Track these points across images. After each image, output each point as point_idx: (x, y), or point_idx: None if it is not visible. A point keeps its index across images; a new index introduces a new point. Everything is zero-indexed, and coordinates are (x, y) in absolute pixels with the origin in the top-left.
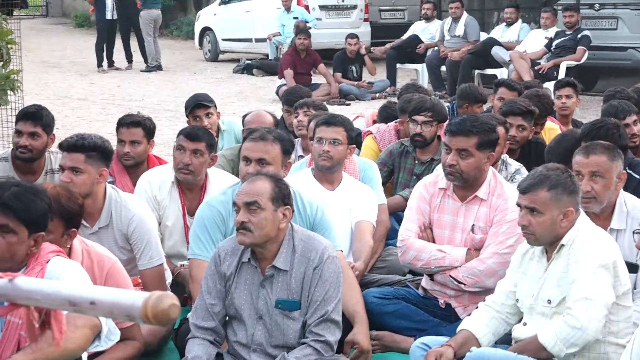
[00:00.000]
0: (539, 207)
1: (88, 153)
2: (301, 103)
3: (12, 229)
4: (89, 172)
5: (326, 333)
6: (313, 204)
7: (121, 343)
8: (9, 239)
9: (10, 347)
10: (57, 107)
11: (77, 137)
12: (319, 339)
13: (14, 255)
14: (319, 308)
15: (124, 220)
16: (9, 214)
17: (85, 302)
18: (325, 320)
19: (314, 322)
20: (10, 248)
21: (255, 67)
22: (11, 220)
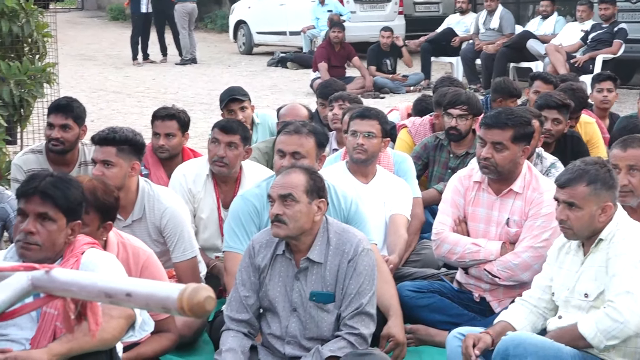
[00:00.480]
0: (577, 202)
1: (119, 146)
2: (336, 96)
3: (52, 217)
4: (120, 166)
5: (360, 326)
6: (347, 197)
7: (156, 335)
8: (49, 227)
9: (47, 338)
10: (92, 99)
11: (108, 131)
12: (353, 331)
13: (54, 243)
14: (353, 301)
15: (157, 213)
16: (48, 201)
17: (121, 293)
18: (359, 313)
19: (348, 315)
20: (51, 236)
21: (289, 60)
22: (50, 208)
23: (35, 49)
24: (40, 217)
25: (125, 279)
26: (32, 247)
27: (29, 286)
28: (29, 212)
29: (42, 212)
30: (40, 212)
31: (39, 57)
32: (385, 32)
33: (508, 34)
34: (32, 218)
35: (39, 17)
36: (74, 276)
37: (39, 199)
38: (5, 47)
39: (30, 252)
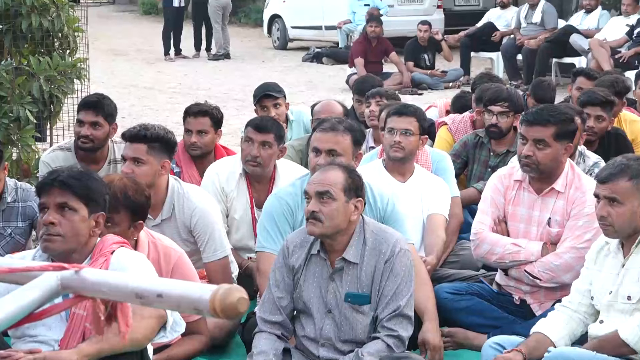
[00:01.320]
0: (619, 197)
1: (150, 144)
2: (373, 92)
3: (72, 207)
4: (150, 164)
5: (399, 328)
6: (384, 196)
7: (187, 337)
8: (70, 216)
9: (76, 339)
10: (123, 96)
11: (139, 127)
12: (391, 333)
13: (77, 234)
14: (391, 302)
15: (187, 212)
16: (67, 191)
17: (152, 294)
18: (397, 315)
19: (385, 317)
20: (73, 226)
21: (325, 56)
22: (70, 197)
23: (65, 44)
24: (60, 208)
25: (157, 280)
26: (55, 239)
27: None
28: (49, 204)
29: (61, 202)
30: (60, 202)
31: (69, 52)
32: (424, 26)
33: (550, 28)
34: (53, 209)
35: (69, 12)
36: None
37: (57, 189)
38: (35, 42)
39: (54, 244)
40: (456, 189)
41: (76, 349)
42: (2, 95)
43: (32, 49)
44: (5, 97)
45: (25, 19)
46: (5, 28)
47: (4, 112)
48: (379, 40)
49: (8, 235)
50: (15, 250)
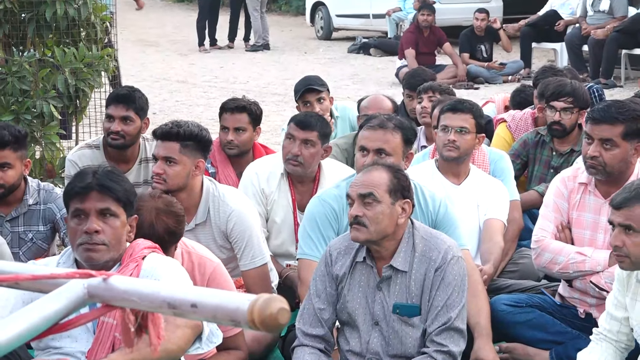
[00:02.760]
0: (635, 225)
1: (183, 142)
2: (425, 87)
3: (114, 212)
4: (183, 163)
5: (449, 343)
6: (436, 199)
7: (224, 352)
8: (113, 223)
9: (105, 350)
10: (154, 89)
11: (171, 124)
12: (441, 349)
13: (119, 241)
14: (441, 314)
15: (222, 216)
16: (107, 196)
17: (186, 304)
18: (448, 329)
19: (435, 330)
20: (116, 233)
21: (372, 47)
22: (111, 203)
23: (92, 33)
24: (101, 214)
25: (191, 288)
26: (100, 248)
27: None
28: (89, 210)
29: (103, 208)
30: (102, 208)
31: (96, 42)
32: (480, 14)
33: (620, 17)
34: (94, 216)
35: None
36: (134, 284)
37: (97, 194)
38: (60, 31)
39: (98, 254)
40: (515, 191)
41: (106, 359)
42: (24, 89)
43: (56, 40)
44: (28, 91)
45: (50, 7)
46: (28, 17)
47: (26, 107)
48: (432, 29)
49: (29, 240)
50: (37, 256)
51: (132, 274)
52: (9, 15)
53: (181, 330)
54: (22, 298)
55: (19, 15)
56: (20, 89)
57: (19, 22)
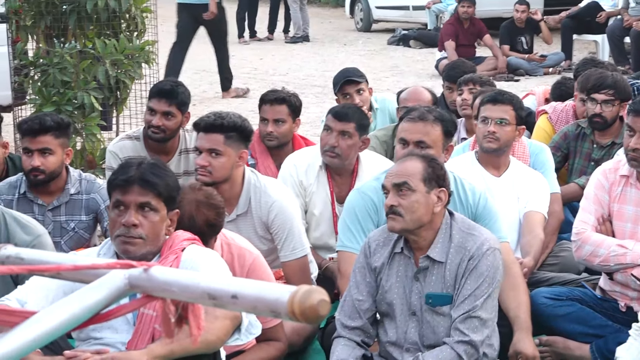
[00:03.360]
0: None
1: (227, 133)
2: (466, 79)
3: (154, 207)
4: (228, 155)
5: (471, 332)
6: (476, 191)
7: (263, 344)
8: (152, 217)
9: (145, 341)
10: (194, 81)
11: (215, 116)
12: (463, 339)
13: (157, 235)
14: (466, 302)
15: (264, 207)
16: (148, 190)
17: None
18: (471, 317)
19: (459, 317)
20: (154, 227)
21: (412, 38)
22: (152, 197)
23: (133, 25)
24: (141, 208)
25: (231, 280)
26: (137, 241)
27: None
28: (129, 203)
29: (143, 202)
30: (142, 202)
31: (137, 34)
32: (521, 5)
33: None
34: (133, 209)
35: None
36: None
37: (138, 187)
38: (100, 23)
39: (135, 247)
40: (556, 184)
41: (146, 350)
42: (66, 81)
43: (97, 31)
44: (69, 83)
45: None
46: (70, 8)
47: (67, 98)
48: (472, 21)
49: (71, 230)
50: (79, 245)
51: (171, 266)
52: (50, 7)
53: (220, 322)
54: (63, 289)
55: (60, 7)
56: (62, 80)
57: (60, 13)
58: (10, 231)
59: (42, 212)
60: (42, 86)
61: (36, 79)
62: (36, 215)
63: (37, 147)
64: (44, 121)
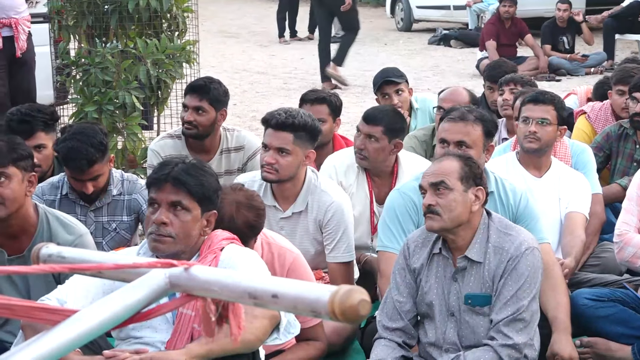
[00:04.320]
0: None
1: (297, 133)
2: (507, 79)
3: (186, 206)
4: (296, 154)
5: (515, 334)
6: (517, 192)
7: (303, 343)
8: (183, 217)
9: (183, 341)
10: (234, 80)
11: (286, 114)
12: (506, 342)
13: (188, 235)
14: (509, 304)
15: (322, 206)
16: (181, 189)
17: (266, 294)
18: (515, 320)
19: (503, 320)
20: (185, 227)
21: (453, 38)
22: (184, 197)
23: (174, 25)
24: (173, 207)
25: (271, 279)
26: (166, 240)
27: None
28: (161, 201)
29: (175, 201)
30: (173, 201)
31: (178, 34)
32: (563, 5)
33: None
34: (165, 207)
35: None
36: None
37: (171, 186)
38: (142, 23)
39: (164, 245)
40: (598, 184)
41: (185, 349)
42: (107, 80)
43: (139, 31)
44: (111, 82)
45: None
46: (111, 8)
47: (109, 98)
48: (513, 21)
49: (113, 230)
50: (120, 245)
51: (210, 265)
52: (92, 7)
53: (259, 321)
54: (103, 288)
55: (102, 7)
56: (103, 80)
57: (102, 13)
58: (53, 231)
59: (84, 212)
60: (83, 86)
61: (78, 79)
62: (78, 216)
63: (88, 178)
64: (90, 156)
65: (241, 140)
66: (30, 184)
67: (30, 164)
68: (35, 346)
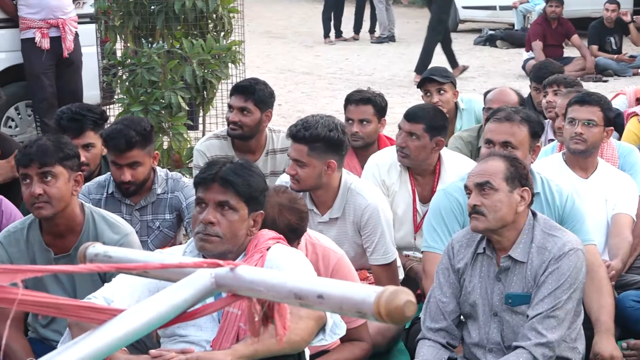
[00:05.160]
0: None
1: (311, 144)
2: (550, 81)
3: (233, 206)
4: (313, 165)
5: (548, 331)
6: (563, 193)
7: (348, 344)
8: (230, 216)
9: (229, 340)
10: (279, 81)
11: (300, 126)
12: (540, 340)
13: (235, 235)
14: (546, 301)
15: (358, 208)
16: (228, 189)
17: (312, 295)
18: (549, 317)
19: (537, 317)
20: (232, 227)
21: (499, 38)
22: (231, 197)
23: (220, 25)
24: (220, 206)
25: (317, 279)
26: (213, 239)
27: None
28: (208, 200)
29: (222, 201)
30: (221, 201)
31: (224, 34)
32: (611, 5)
33: None
34: (212, 207)
35: None
36: (261, 274)
37: (218, 186)
38: (188, 23)
39: (211, 245)
40: None
41: (230, 350)
42: (153, 81)
43: (184, 31)
44: (157, 82)
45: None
46: (158, 9)
47: (155, 98)
48: (560, 21)
49: (157, 229)
50: (164, 244)
51: (256, 265)
52: (138, 7)
53: (304, 322)
54: (149, 287)
55: (149, 7)
56: (149, 80)
57: (149, 14)
58: (99, 230)
59: (129, 211)
60: (130, 86)
61: (124, 79)
62: (124, 215)
63: (126, 162)
64: (130, 137)
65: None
66: (76, 184)
67: (76, 163)
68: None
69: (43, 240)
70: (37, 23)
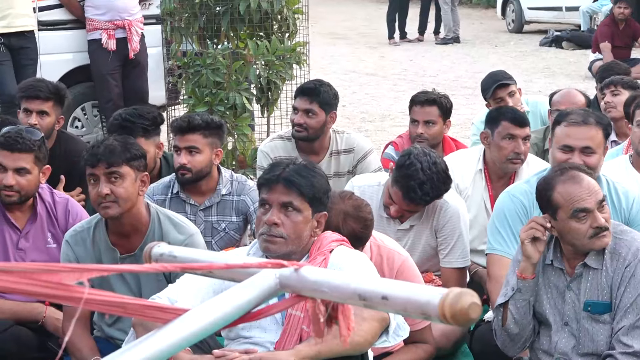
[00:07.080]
0: None
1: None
2: (607, 82)
3: (297, 207)
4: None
5: (634, 342)
6: (629, 195)
7: (412, 346)
8: (294, 217)
9: (292, 342)
10: (344, 82)
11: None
12: (627, 350)
13: (299, 236)
14: (629, 312)
15: (438, 211)
16: (292, 190)
17: (376, 296)
18: (635, 327)
19: (622, 329)
20: (296, 228)
21: (565, 40)
22: (295, 198)
23: (285, 26)
24: (284, 207)
25: (381, 281)
26: (277, 240)
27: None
28: (272, 202)
29: (286, 202)
30: (285, 202)
31: (288, 35)
32: None
33: None
34: (276, 208)
35: None
36: (325, 275)
37: (282, 187)
38: (253, 24)
39: (275, 246)
40: None
41: (293, 350)
42: (218, 81)
43: (249, 33)
44: (222, 83)
45: (244, 0)
46: (223, 10)
47: (219, 99)
48: (628, 22)
49: (222, 230)
50: (229, 245)
51: (319, 266)
52: (204, 8)
53: (368, 323)
54: (213, 287)
55: (214, 8)
56: (214, 81)
57: (214, 15)
58: (164, 230)
59: (194, 212)
60: (195, 87)
61: (189, 80)
62: (188, 215)
63: (185, 145)
64: (193, 120)
65: (351, 142)
66: (142, 184)
67: (143, 163)
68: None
69: (109, 240)
70: (103, 24)
